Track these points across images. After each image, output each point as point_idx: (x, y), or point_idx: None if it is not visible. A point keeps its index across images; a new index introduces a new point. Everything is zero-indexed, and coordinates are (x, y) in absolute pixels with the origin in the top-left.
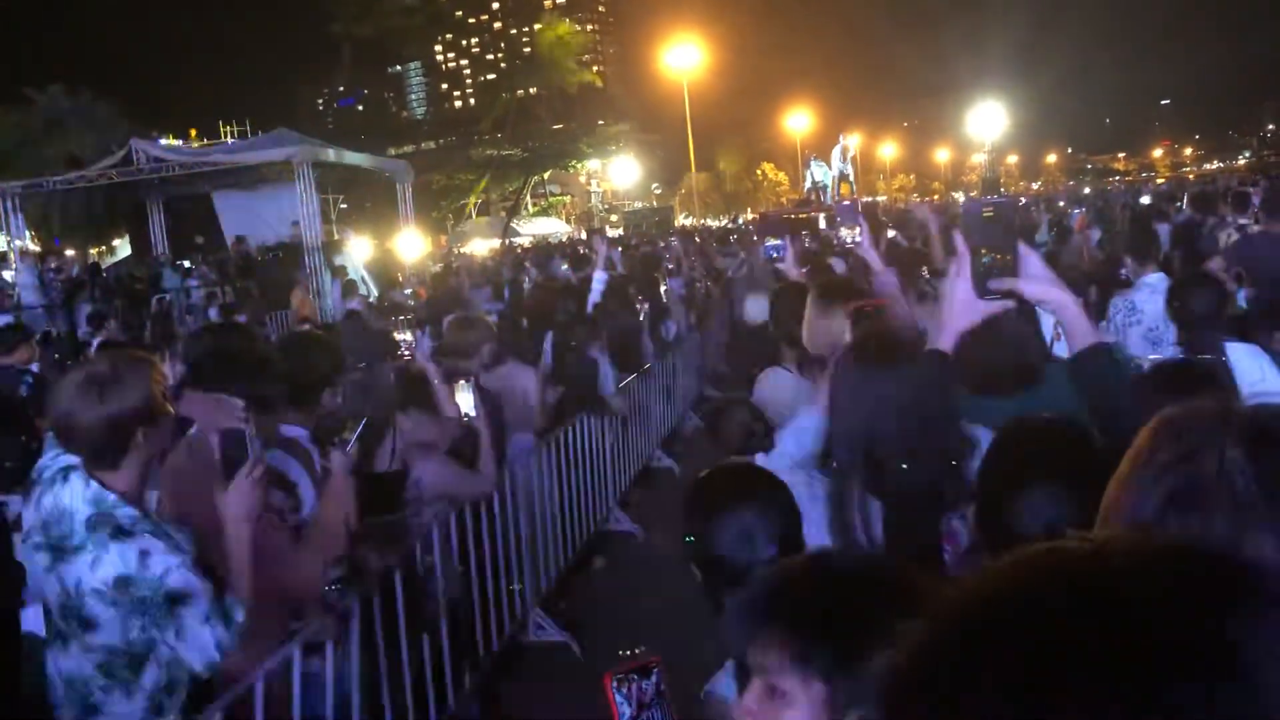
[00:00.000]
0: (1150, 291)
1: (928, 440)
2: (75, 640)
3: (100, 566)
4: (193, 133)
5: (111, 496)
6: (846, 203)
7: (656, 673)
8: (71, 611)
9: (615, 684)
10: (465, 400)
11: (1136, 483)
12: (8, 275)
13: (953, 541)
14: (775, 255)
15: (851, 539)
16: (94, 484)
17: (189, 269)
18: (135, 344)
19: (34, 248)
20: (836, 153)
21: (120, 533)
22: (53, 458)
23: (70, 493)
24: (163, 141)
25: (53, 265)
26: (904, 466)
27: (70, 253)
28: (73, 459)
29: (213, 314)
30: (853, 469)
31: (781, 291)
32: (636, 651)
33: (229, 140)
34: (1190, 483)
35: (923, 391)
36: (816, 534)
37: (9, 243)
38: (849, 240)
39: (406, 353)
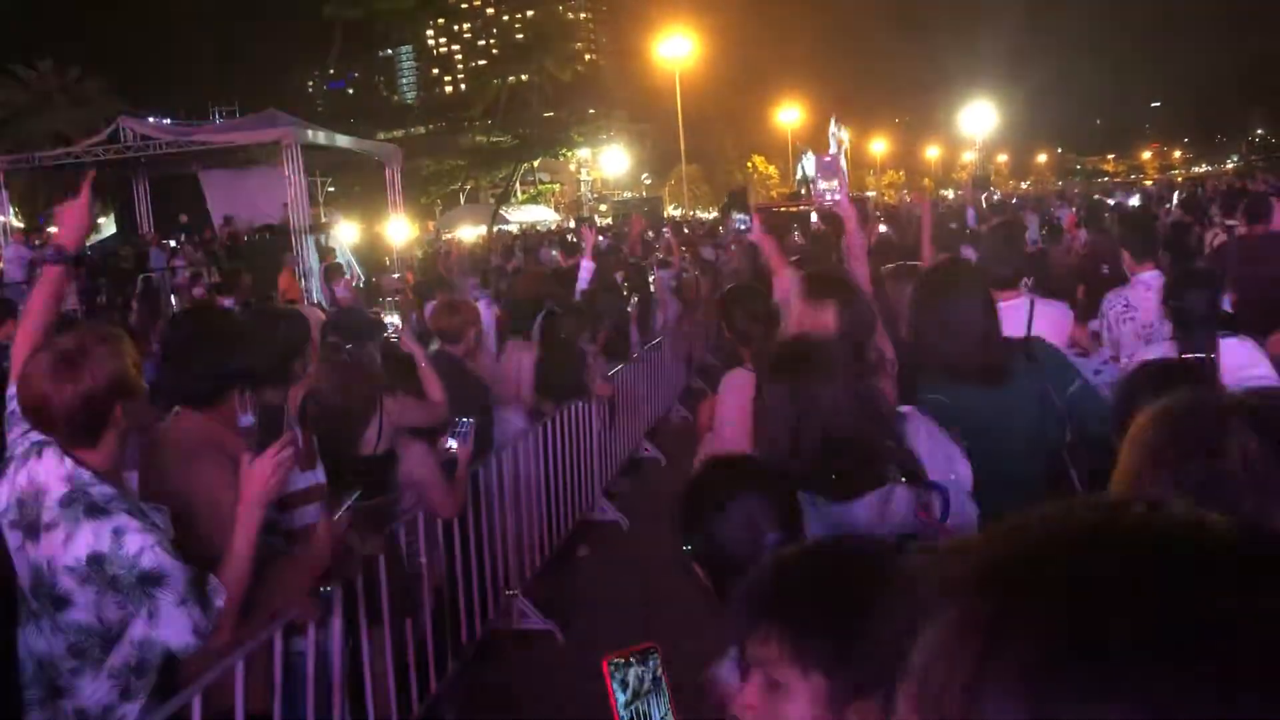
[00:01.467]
0: (1145, 288)
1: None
2: (47, 619)
3: (73, 544)
4: (181, 112)
5: (86, 474)
6: (827, 158)
7: (654, 658)
8: (44, 589)
9: (612, 669)
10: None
11: (1154, 480)
12: None
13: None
14: (743, 227)
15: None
16: (69, 461)
17: (174, 248)
18: (122, 323)
19: (18, 224)
20: (833, 147)
21: (94, 510)
22: (23, 433)
23: (45, 469)
24: (151, 120)
25: (35, 242)
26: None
27: (54, 229)
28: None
29: (198, 294)
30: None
31: (729, 293)
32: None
33: (217, 121)
34: (1215, 476)
35: (849, 388)
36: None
37: None
38: (828, 196)
39: (394, 335)
